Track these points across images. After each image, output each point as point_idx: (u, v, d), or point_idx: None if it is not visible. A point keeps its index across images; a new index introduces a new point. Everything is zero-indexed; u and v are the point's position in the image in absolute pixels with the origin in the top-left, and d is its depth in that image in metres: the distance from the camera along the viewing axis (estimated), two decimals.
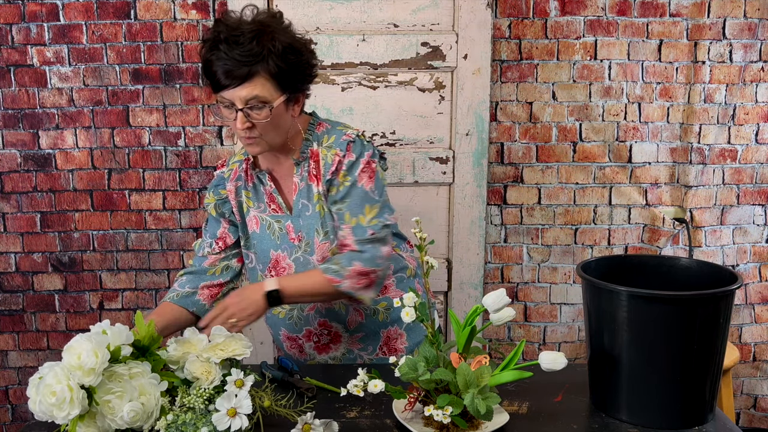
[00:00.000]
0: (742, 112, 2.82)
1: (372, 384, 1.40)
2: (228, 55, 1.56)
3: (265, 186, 1.80)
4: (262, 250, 1.82)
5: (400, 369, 1.41)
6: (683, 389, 1.41)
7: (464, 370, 1.36)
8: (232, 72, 1.57)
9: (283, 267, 1.80)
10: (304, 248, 1.78)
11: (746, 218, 2.91)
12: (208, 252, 1.88)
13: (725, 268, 1.53)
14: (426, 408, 1.37)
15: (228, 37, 1.57)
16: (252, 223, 1.83)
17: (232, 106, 1.62)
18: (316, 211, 1.75)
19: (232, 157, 1.88)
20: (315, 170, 1.75)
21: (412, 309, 1.41)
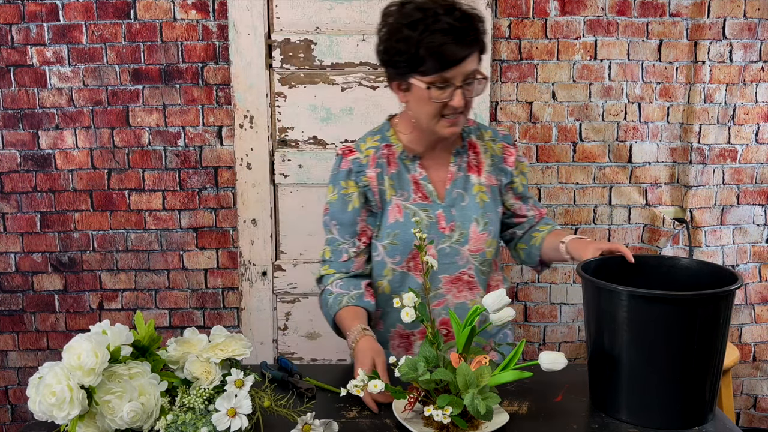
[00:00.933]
0: (742, 112, 2.82)
1: (372, 384, 1.40)
2: (454, 32, 1.55)
3: (412, 173, 1.76)
4: (406, 240, 1.72)
5: (400, 369, 1.41)
6: (683, 389, 1.41)
7: (464, 370, 1.36)
8: (460, 50, 1.56)
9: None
10: (456, 238, 1.74)
11: (746, 218, 2.91)
12: (354, 253, 1.76)
13: (725, 268, 1.53)
14: (426, 408, 1.37)
15: (446, 14, 1.57)
16: (394, 211, 1.74)
17: (446, 86, 1.59)
18: (476, 201, 1.76)
19: (360, 143, 1.79)
20: (475, 161, 1.79)
21: (411, 309, 1.41)
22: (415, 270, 1.75)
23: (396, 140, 1.77)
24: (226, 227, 2.85)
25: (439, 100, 1.61)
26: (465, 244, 1.75)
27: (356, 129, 2.72)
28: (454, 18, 1.57)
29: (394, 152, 1.76)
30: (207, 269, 2.89)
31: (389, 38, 1.62)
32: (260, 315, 2.84)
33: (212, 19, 2.69)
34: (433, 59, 1.57)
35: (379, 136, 1.79)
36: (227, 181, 2.81)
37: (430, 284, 1.68)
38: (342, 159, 1.77)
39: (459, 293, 1.76)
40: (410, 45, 1.57)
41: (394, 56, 1.61)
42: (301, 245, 2.83)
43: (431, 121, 1.66)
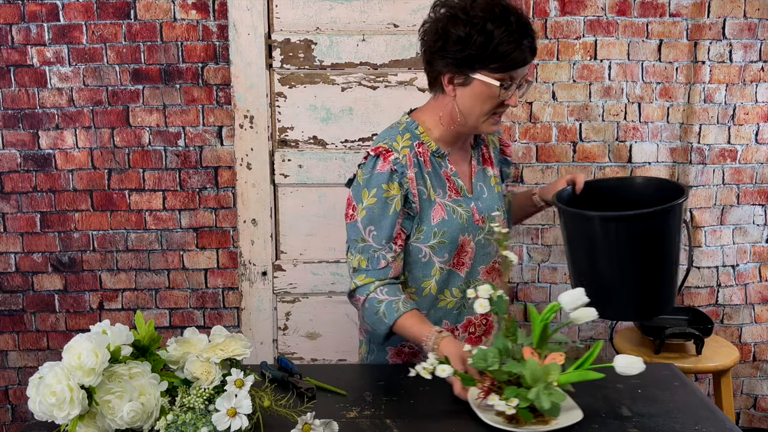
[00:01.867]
0: (742, 112, 2.82)
1: (440, 368, 1.43)
2: (528, 35, 1.62)
3: (444, 169, 1.76)
4: (452, 237, 1.73)
5: (472, 357, 1.42)
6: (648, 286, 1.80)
7: (532, 364, 1.37)
8: (531, 51, 1.64)
9: (466, 251, 1.76)
10: (487, 229, 1.78)
11: (746, 218, 2.91)
12: (391, 258, 1.71)
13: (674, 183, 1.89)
14: (491, 397, 1.38)
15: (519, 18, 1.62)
16: (438, 211, 1.73)
17: (509, 85, 1.65)
18: (495, 192, 1.84)
19: (392, 142, 1.73)
20: (487, 154, 1.87)
21: (486, 301, 1.42)
22: (459, 266, 1.76)
23: (427, 138, 1.75)
24: (226, 227, 2.85)
25: (497, 99, 1.65)
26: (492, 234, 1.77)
27: (356, 129, 2.73)
28: (528, 23, 1.64)
29: (427, 150, 1.75)
30: (207, 269, 2.89)
31: (468, 29, 1.60)
32: (260, 315, 2.84)
33: (212, 19, 2.69)
34: (509, 57, 1.60)
35: (408, 134, 1.75)
36: (227, 181, 2.81)
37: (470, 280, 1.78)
38: (380, 160, 1.70)
39: (492, 282, 1.77)
40: (490, 39, 1.59)
41: (467, 47, 1.61)
42: (301, 245, 2.83)
43: (481, 117, 1.69)
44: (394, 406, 1.55)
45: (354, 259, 1.75)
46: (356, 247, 1.73)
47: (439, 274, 1.75)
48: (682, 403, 1.55)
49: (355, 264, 1.75)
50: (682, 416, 1.48)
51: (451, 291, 1.77)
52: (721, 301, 2.95)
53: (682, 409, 1.52)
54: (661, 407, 1.46)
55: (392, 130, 1.79)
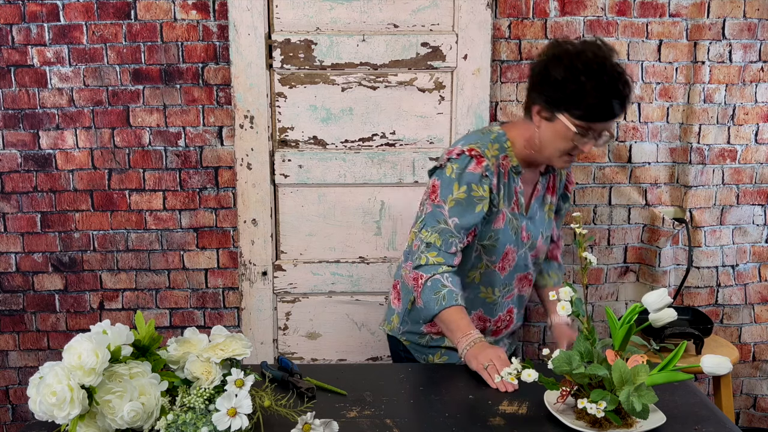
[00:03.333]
0: (741, 112, 2.82)
1: (525, 373, 1.45)
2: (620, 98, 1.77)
3: (515, 185, 1.95)
4: (502, 244, 1.95)
5: (553, 361, 1.42)
6: None
7: (620, 366, 1.36)
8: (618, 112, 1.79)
9: (509, 259, 1.98)
10: (529, 245, 2.00)
11: (746, 218, 2.91)
12: (461, 248, 1.89)
13: None
14: (579, 401, 1.38)
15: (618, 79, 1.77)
16: (500, 219, 1.93)
17: (587, 133, 1.80)
18: (546, 217, 2.05)
19: (483, 149, 1.90)
20: (552, 183, 2.05)
21: (567, 303, 1.43)
22: (501, 269, 1.98)
23: (512, 153, 1.94)
24: (226, 227, 2.86)
25: (572, 143, 1.82)
26: (532, 250, 2.02)
27: (356, 129, 2.73)
28: (622, 84, 1.77)
29: (508, 164, 1.93)
30: (207, 269, 2.89)
31: (565, 74, 1.77)
32: (260, 315, 2.84)
33: (212, 20, 2.69)
34: (593, 111, 1.77)
35: (497, 145, 1.93)
36: (227, 181, 2.81)
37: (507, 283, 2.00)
38: (473, 161, 1.87)
39: (522, 288, 2.07)
40: (581, 90, 1.75)
41: (559, 90, 1.79)
42: (301, 245, 2.83)
43: (555, 153, 1.87)
44: (394, 406, 1.55)
45: (430, 236, 1.88)
46: (435, 227, 1.88)
47: (484, 268, 1.97)
48: (682, 403, 1.55)
49: (430, 239, 1.87)
50: (682, 416, 1.48)
51: (493, 288, 2.00)
52: (721, 301, 2.95)
53: (682, 409, 1.52)
54: (661, 407, 1.46)
55: (484, 136, 1.96)
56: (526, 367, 1.46)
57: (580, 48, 1.79)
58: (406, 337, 2.10)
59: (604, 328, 2.92)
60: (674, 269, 2.91)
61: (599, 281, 2.94)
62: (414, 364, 2.00)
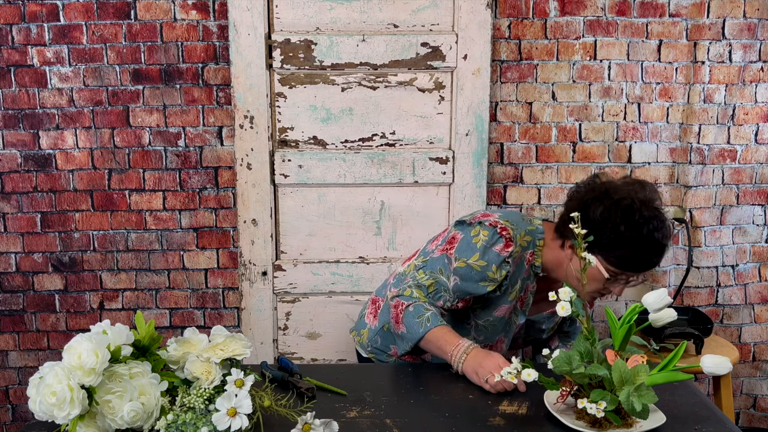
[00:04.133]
0: (741, 112, 2.82)
1: (525, 373, 1.45)
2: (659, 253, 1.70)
3: (528, 284, 1.90)
4: (496, 331, 1.95)
5: (553, 361, 1.42)
6: None
7: (620, 366, 1.36)
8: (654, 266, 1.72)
9: (500, 347, 1.99)
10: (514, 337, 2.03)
11: (746, 218, 2.91)
12: (447, 307, 1.87)
13: None
14: (579, 401, 1.38)
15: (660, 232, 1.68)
16: (503, 308, 1.90)
17: (618, 279, 1.74)
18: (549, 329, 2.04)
19: (516, 234, 1.84)
20: None
21: (567, 303, 1.43)
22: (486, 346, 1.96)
23: (539, 254, 1.87)
24: (226, 227, 2.85)
25: (602, 284, 1.75)
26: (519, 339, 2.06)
27: (356, 129, 2.73)
28: (662, 236, 1.68)
29: (530, 262, 1.87)
30: (207, 269, 2.89)
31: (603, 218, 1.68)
32: (260, 315, 2.84)
33: (212, 20, 2.69)
34: (629, 262, 1.69)
35: (530, 238, 1.86)
36: (227, 182, 2.81)
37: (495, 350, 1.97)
38: (502, 241, 1.82)
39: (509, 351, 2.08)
40: (619, 239, 1.66)
41: (600, 232, 1.66)
42: (301, 245, 2.83)
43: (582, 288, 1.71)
44: (394, 406, 1.55)
45: (426, 279, 1.86)
46: (434, 275, 1.86)
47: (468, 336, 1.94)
48: (682, 403, 1.55)
49: (424, 282, 1.86)
50: (682, 416, 1.48)
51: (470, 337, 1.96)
52: (721, 301, 2.95)
53: (682, 409, 1.52)
54: (661, 407, 1.46)
55: (522, 222, 1.88)
56: (526, 367, 1.46)
57: (623, 191, 1.70)
58: (374, 354, 2.05)
59: (604, 328, 2.92)
60: (674, 269, 2.91)
61: None
62: (414, 364, 2.00)
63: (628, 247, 1.67)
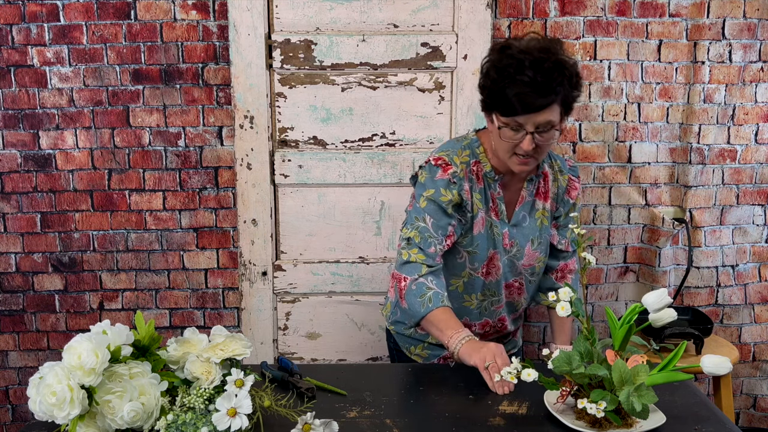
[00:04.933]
0: (741, 112, 2.82)
1: (525, 373, 1.45)
2: (533, 85, 1.68)
3: (492, 191, 1.92)
4: (483, 249, 1.93)
5: (553, 361, 1.42)
6: None
7: (620, 366, 1.36)
8: (535, 101, 1.69)
9: (495, 265, 1.95)
10: (514, 253, 1.96)
11: (746, 218, 2.91)
12: (440, 250, 1.87)
13: None
14: (579, 401, 1.38)
15: (531, 66, 1.68)
16: (478, 225, 1.92)
17: (519, 129, 1.74)
18: (536, 225, 1.97)
19: (453, 155, 1.90)
20: (544, 188, 1.97)
21: (567, 304, 1.43)
22: (486, 275, 1.96)
23: (484, 159, 1.92)
24: (226, 227, 2.85)
25: (509, 141, 1.77)
26: (520, 259, 1.97)
27: (356, 129, 2.73)
28: (537, 71, 1.68)
29: (482, 169, 1.91)
30: (207, 269, 2.89)
31: (483, 75, 1.80)
32: (260, 315, 2.84)
33: (212, 20, 2.69)
34: (509, 104, 1.71)
35: (468, 151, 1.92)
36: (227, 182, 2.81)
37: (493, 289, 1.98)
38: (439, 170, 1.87)
39: (509, 296, 2.03)
40: (495, 86, 1.74)
41: (483, 91, 1.80)
42: (301, 245, 2.83)
43: (504, 155, 1.82)
44: (394, 406, 1.55)
45: (410, 232, 1.88)
46: (414, 225, 1.88)
47: (467, 277, 1.96)
48: (682, 403, 1.55)
49: (410, 235, 1.88)
50: (682, 416, 1.48)
51: (476, 294, 1.98)
52: (721, 301, 2.95)
53: (682, 409, 1.52)
54: (661, 407, 1.46)
55: (456, 143, 1.96)
56: (526, 367, 1.46)
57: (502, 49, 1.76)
58: (394, 326, 2.13)
59: (604, 328, 2.92)
60: (674, 269, 2.91)
61: (599, 281, 2.94)
62: (414, 364, 2.01)
63: (503, 88, 1.71)
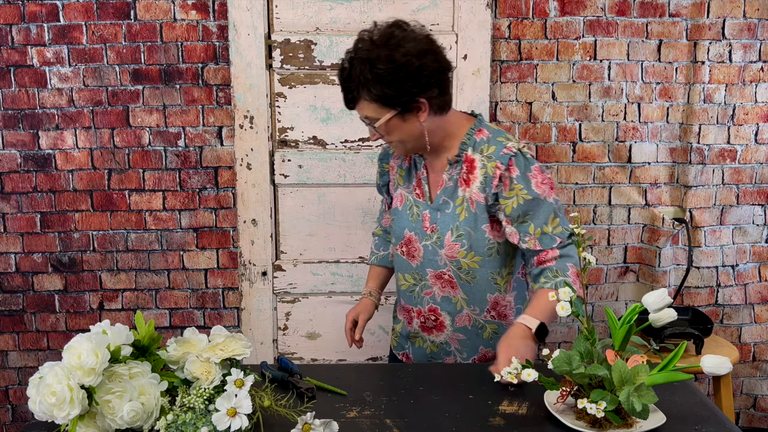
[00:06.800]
0: (741, 112, 2.82)
1: (525, 373, 1.44)
2: (340, 83, 1.76)
3: (418, 171, 1.92)
4: (399, 226, 1.94)
5: (553, 361, 1.42)
6: None
7: (620, 366, 1.36)
8: (345, 96, 1.77)
9: (414, 248, 1.91)
10: (434, 240, 1.86)
11: (746, 218, 2.91)
12: (383, 210, 2.16)
13: None
14: (579, 401, 1.38)
15: (342, 64, 1.75)
16: (397, 200, 1.97)
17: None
18: (456, 212, 1.83)
19: None
20: (466, 175, 1.82)
21: (567, 303, 1.42)
22: (409, 257, 1.92)
23: None
24: (226, 227, 2.85)
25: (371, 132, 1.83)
26: (441, 248, 1.85)
27: (356, 129, 2.73)
28: (341, 70, 1.75)
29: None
30: (207, 269, 2.89)
31: None
32: (260, 315, 2.84)
33: (212, 20, 2.69)
34: None
35: None
36: (227, 182, 2.81)
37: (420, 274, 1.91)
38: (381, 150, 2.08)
39: (443, 288, 1.89)
40: None
41: None
42: (301, 245, 2.83)
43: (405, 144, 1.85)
44: (394, 406, 1.55)
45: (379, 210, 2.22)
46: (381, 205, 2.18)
47: (398, 254, 1.98)
48: (682, 403, 1.55)
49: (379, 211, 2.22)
50: (682, 416, 1.48)
51: (405, 276, 1.96)
52: (721, 301, 2.95)
53: (682, 409, 1.52)
54: (661, 407, 1.46)
55: None
56: (526, 367, 1.46)
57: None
58: None
59: (604, 328, 2.93)
60: (674, 269, 2.91)
61: (599, 281, 2.94)
62: (414, 364, 2.00)
63: None
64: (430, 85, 1.71)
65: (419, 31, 1.76)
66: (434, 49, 1.74)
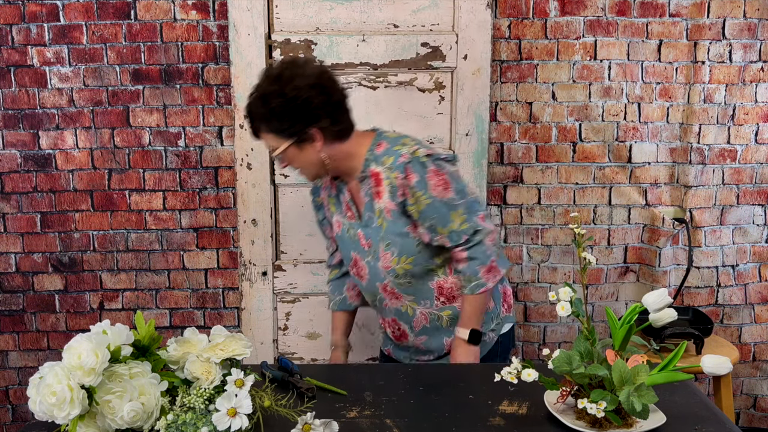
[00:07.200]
0: (741, 112, 2.82)
1: (525, 373, 1.43)
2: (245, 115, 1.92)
3: (343, 195, 2.02)
4: (345, 249, 2.06)
5: (553, 361, 1.41)
6: None
7: (620, 366, 1.36)
8: (250, 128, 1.92)
9: (360, 267, 2.02)
10: (372, 255, 1.97)
11: (746, 218, 2.91)
12: (332, 251, 2.19)
13: None
14: (579, 401, 1.38)
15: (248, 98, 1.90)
16: (336, 226, 2.07)
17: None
18: (378, 224, 1.94)
19: None
20: (375, 188, 1.92)
21: (567, 303, 1.42)
22: (357, 276, 2.04)
23: None
24: (226, 227, 2.86)
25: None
26: (378, 260, 1.96)
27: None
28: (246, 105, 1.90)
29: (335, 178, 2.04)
30: (207, 269, 2.89)
31: None
32: (260, 315, 2.84)
33: (212, 20, 2.70)
34: None
35: None
36: (227, 182, 2.81)
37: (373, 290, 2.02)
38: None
39: (391, 300, 2.01)
40: None
41: None
42: (301, 245, 2.83)
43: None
44: (394, 406, 1.55)
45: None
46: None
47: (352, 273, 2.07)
48: (682, 403, 1.55)
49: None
50: (682, 416, 1.48)
51: (365, 293, 2.09)
52: (721, 301, 2.95)
53: (682, 409, 1.52)
54: (661, 407, 1.46)
55: None
56: (526, 367, 1.46)
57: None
58: None
59: (604, 328, 2.93)
60: (674, 269, 2.91)
61: (599, 281, 2.94)
62: (414, 365, 2.01)
63: None
64: (320, 116, 1.84)
65: (312, 67, 1.88)
66: (323, 83, 1.86)
